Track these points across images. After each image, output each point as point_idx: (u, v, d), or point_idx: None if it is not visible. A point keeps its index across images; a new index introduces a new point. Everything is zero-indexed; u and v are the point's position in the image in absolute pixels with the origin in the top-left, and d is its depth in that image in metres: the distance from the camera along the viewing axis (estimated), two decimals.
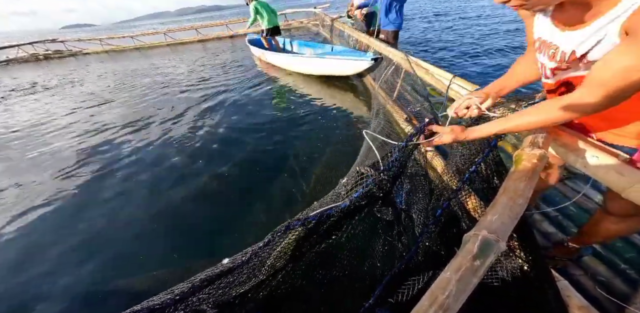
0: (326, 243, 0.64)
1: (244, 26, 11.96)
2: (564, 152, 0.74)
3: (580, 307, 0.81)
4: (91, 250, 1.91)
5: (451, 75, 1.60)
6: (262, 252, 0.61)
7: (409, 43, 6.62)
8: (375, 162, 0.72)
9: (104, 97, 5.37)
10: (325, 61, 4.14)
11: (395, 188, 0.75)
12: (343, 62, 3.85)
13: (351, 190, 0.68)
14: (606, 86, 0.55)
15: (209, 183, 2.43)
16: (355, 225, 0.66)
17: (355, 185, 0.69)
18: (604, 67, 0.56)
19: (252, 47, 6.25)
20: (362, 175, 0.69)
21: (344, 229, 0.64)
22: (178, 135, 3.41)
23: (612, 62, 0.54)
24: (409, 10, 12.66)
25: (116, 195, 2.44)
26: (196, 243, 1.87)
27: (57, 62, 10.88)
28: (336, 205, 0.59)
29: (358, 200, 0.63)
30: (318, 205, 0.66)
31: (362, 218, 0.67)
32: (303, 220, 0.57)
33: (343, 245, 0.69)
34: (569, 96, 0.62)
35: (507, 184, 0.65)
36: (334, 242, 0.65)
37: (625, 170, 0.61)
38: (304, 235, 0.60)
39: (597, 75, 0.57)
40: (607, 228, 0.94)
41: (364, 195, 0.63)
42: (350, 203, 0.60)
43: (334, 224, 0.62)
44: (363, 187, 0.65)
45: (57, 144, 3.56)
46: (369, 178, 0.67)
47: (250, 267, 0.62)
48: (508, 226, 0.57)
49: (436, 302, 0.47)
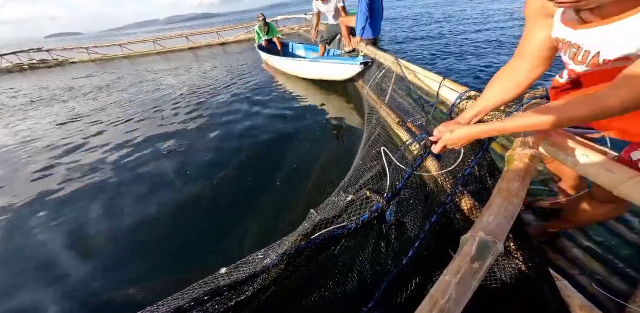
0: (324, 254, 0.64)
1: (235, 33, 12.13)
2: (554, 151, 0.75)
3: (582, 307, 0.81)
4: (79, 263, 1.85)
5: (441, 78, 1.63)
6: (265, 267, 0.60)
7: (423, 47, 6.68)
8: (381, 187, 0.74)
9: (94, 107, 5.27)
10: (317, 65, 4.15)
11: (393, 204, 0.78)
12: (334, 67, 3.85)
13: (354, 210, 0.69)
14: (636, 85, 0.50)
15: (201, 191, 2.39)
16: (354, 238, 0.67)
17: (358, 205, 0.71)
18: (635, 69, 0.50)
19: (260, 52, 6.41)
20: (370, 200, 0.70)
21: (342, 242, 0.64)
22: (170, 143, 3.36)
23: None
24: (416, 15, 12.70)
25: (106, 207, 2.37)
26: (190, 252, 1.82)
27: (44, 71, 10.65)
28: (342, 225, 0.60)
29: (363, 222, 0.64)
30: (320, 220, 0.67)
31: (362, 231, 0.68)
32: (313, 242, 0.56)
33: (341, 253, 0.68)
34: (601, 92, 0.55)
35: (501, 185, 0.65)
36: (331, 252, 0.64)
37: (615, 168, 0.62)
38: (309, 252, 0.60)
39: (630, 74, 0.51)
40: (586, 212, 0.96)
41: (369, 219, 0.65)
42: (357, 226, 0.62)
43: (336, 241, 0.62)
44: (370, 212, 0.66)
45: (44, 162, 3.45)
46: (376, 203, 0.69)
47: (252, 278, 0.61)
48: (505, 227, 0.57)
49: (437, 307, 0.46)
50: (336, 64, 3.79)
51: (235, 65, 7.18)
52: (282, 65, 5.28)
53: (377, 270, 0.71)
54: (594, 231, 1.38)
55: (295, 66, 4.78)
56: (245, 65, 6.93)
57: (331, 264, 0.68)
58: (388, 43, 7.49)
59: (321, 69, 4.12)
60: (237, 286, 0.57)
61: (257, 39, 6.66)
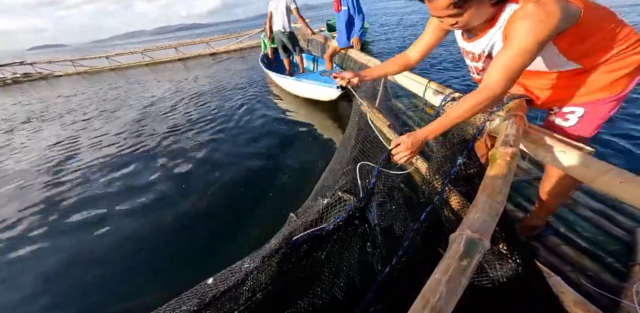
0: (310, 258, 0.63)
1: (225, 43, 12.18)
2: (534, 148, 0.78)
3: (576, 302, 0.81)
4: (68, 280, 1.77)
5: (426, 80, 1.68)
6: (250, 272, 0.59)
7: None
8: (354, 187, 0.76)
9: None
10: (299, 84, 3.92)
11: (373, 204, 0.78)
12: (314, 88, 3.64)
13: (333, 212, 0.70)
14: (502, 72, 0.79)
15: (192, 204, 2.34)
16: (337, 241, 0.67)
17: (336, 208, 0.71)
18: (495, 63, 0.81)
19: (260, 64, 5.80)
20: (343, 200, 0.72)
21: (325, 247, 0.64)
22: (160, 155, 3.31)
23: (499, 58, 0.79)
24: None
25: (98, 221, 2.30)
26: (180, 265, 1.77)
27: (27, 86, 10.37)
28: (321, 227, 0.60)
29: (340, 223, 0.64)
30: (300, 223, 0.66)
31: (343, 233, 0.68)
32: (292, 243, 0.56)
33: (327, 256, 0.67)
34: (484, 82, 0.84)
35: (484, 182, 0.66)
36: (318, 257, 0.64)
37: (590, 163, 0.64)
38: (289, 254, 0.59)
39: (494, 68, 0.81)
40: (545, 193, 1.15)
41: (346, 220, 0.65)
42: (335, 227, 0.62)
43: (318, 243, 0.61)
44: (345, 212, 0.67)
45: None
46: (350, 204, 0.70)
47: (238, 286, 0.59)
48: (490, 224, 0.58)
49: (428, 305, 0.46)
50: (316, 85, 3.56)
51: (228, 75, 7.11)
52: (275, 80, 4.95)
53: (368, 272, 0.70)
54: (582, 227, 1.41)
55: (283, 82, 4.51)
56: (241, 76, 6.82)
57: (320, 267, 0.67)
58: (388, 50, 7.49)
59: (303, 88, 3.89)
60: (223, 295, 0.55)
61: (263, 47, 6.12)
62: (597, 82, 0.89)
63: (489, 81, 0.81)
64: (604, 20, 0.81)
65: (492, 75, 0.81)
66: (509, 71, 0.78)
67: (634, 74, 0.87)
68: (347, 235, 0.67)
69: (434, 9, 0.80)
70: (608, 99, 0.91)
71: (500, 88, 0.80)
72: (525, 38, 0.73)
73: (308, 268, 0.62)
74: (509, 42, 0.77)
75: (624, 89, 0.90)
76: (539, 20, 0.71)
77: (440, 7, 0.78)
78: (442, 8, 0.78)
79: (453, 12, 0.78)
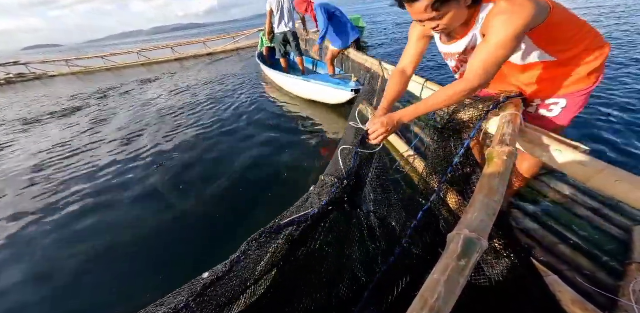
0: (305, 250, 0.62)
1: (222, 43, 12.12)
2: (531, 147, 0.78)
3: (574, 301, 0.82)
4: (63, 279, 1.74)
5: (423, 80, 1.68)
6: (241, 262, 0.58)
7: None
8: (339, 170, 0.76)
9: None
10: (307, 85, 3.79)
11: (364, 193, 0.78)
12: (324, 89, 3.53)
13: (320, 198, 0.70)
14: (480, 66, 0.84)
15: (191, 204, 2.32)
16: (330, 230, 0.66)
17: (323, 193, 0.71)
18: (475, 57, 0.86)
19: (258, 60, 5.81)
20: (327, 184, 0.72)
21: (317, 236, 0.63)
22: (155, 154, 3.28)
23: (478, 52, 0.85)
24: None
25: (95, 220, 2.27)
26: (180, 265, 1.75)
27: (20, 87, 10.22)
28: (306, 213, 0.59)
29: (325, 207, 0.64)
30: (288, 214, 0.66)
31: (336, 222, 0.67)
32: (276, 227, 0.55)
33: (324, 253, 0.67)
34: (465, 75, 0.89)
35: (482, 182, 0.66)
36: (312, 248, 0.63)
37: (586, 161, 0.64)
38: (281, 244, 0.58)
39: (473, 61, 0.86)
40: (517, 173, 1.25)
41: (331, 202, 0.65)
42: (320, 210, 0.61)
43: (308, 231, 0.61)
44: (329, 195, 0.67)
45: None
46: (334, 186, 0.70)
47: (232, 277, 0.59)
48: (487, 223, 0.57)
49: (427, 306, 0.46)
50: (327, 86, 3.45)
51: (226, 75, 7.04)
52: (275, 78, 4.85)
53: (366, 271, 0.70)
54: (578, 226, 1.41)
55: (286, 82, 4.32)
56: (238, 76, 6.76)
57: (317, 265, 0.66)
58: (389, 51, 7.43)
59: (312, 89, 3.76)
60: (213, 284, 0.55)
61: (260, 45, 6.17)
62: (574, 75, 0.97)
63: (468, 73, 0.86)
64: (570, 16, 0.90)
65: (471, 68, 0.86)
66: (488, 65, 0.83)
67: (601, 68, 0.97)
68: (339, 222, 0.67)
69: (414, 12, 0.83)
70: (584, 91, 1.00)
71: (477, 81, 0.85)
72: (504, 31, 0.77)
73: (304, 260, 0.61)
74: (488, 37, 0.82)
75: (596, 81, 0.98)
76: (514, 14, 0.76)
77: (420, 11, 0.81)
78: (421, 11, 0.81)
79: (432, 15, 0.82)
